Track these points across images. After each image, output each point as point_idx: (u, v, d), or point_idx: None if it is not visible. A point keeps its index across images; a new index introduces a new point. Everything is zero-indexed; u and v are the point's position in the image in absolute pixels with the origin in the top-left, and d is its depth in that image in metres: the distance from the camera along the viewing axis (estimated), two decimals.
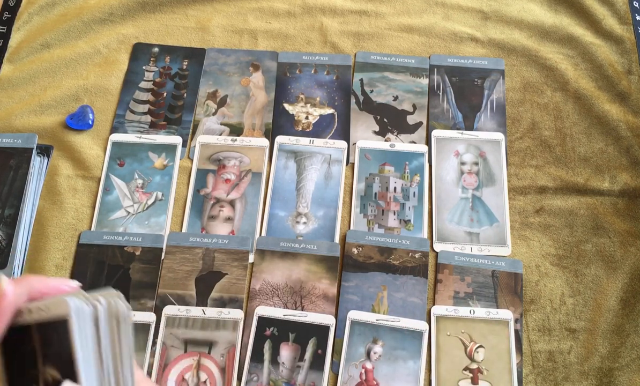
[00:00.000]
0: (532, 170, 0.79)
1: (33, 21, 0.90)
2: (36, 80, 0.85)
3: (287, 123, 0.83)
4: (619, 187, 0.78)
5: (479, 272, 0.73)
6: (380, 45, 0.88)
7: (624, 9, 0.89)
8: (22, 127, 0.81)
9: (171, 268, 0.74)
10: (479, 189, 0.78)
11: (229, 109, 0.84)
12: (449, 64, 0.86)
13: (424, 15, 0.90)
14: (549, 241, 0.75)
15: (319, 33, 0.89)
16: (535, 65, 0.86)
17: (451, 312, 0.71)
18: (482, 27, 0.89)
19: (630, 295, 0.72)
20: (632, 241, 0.75)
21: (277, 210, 0.77)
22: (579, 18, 0.89)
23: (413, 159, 0.80)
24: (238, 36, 0.89)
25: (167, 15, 0.90)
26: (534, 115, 0.83)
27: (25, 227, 0.75)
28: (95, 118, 0.82)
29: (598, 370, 0.69)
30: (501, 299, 0.72)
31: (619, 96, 0.83)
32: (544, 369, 0.69)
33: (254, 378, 0.68)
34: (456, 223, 0.76)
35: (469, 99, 0.84)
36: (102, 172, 0.79)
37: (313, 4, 0.91)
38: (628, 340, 0.70)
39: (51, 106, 0.83)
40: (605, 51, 0.86)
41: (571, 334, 0.71)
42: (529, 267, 0.74)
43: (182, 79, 0.86)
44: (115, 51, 0.88)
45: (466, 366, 0.69)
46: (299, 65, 0.87)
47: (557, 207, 0.77)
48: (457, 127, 0.82)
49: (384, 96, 0.84)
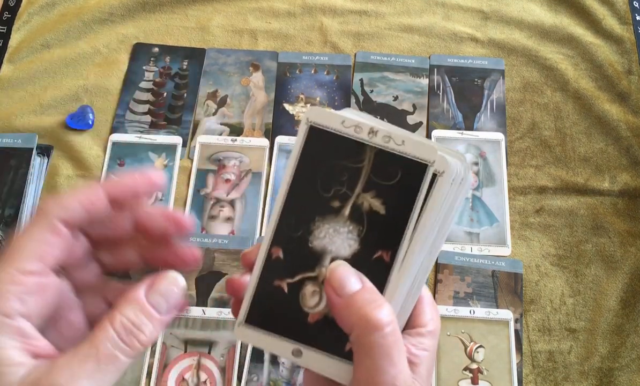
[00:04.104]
0: (532, 170, 0.79)
1: (33, 21, 0.90)
2: (36, 80, 0.85)
3: (287, 123, 0.83)
4: (619, 187, 0.78)
5: (479, 272, 0.73)
6: (380, 45, 0.88)
7: (624, 9, 0.89)
8: (22, 127, 0.81)
9: None
10: (479, 189, 0.78)
11: (229, 109, 0.84)
12: (449, 64, 0.86)
13: (424, 15, 0.90)
14: (549, 241, 0.75)
15: (319, 33, 0.89)
16: (535, 65, 0.86)
17: (451, 312, 0.71)
18: (482, 27, 0.89)
19: (630, 295, 0.72)
20: (632, 241, 0.75)
21: None
22: (579, 18, 0.89)
23: None
24: (238, 36, 0.89)
25: (167, 15, 0.90)
26: (534, 115, 0.83)
27: None
28: (95, 118, 0.82)
29: (598, 370, 0.69)
30: (501, 299, 0.72)
31: (619, 96, 0.83)
32: (544, 369, 0.69)
33: (254, 378, 0.68)
34: (456, 223, 0.76)
35: (469, 99, 0.84)
36: (102, 173, 0.79)
37: (313, 4, 0.91)
38: (628, 340, 0.70)
39: (51, 106, 0.83)
40: (605, 51, 0.86)
41: (571, 334, 0.71)
42: (529, 267, 0.74)
43: (182, 79, 0.86)
44: (115, 51, 0.88)
45: (466, 366, 0.69)
46: (299, 65, 0.87)
47: (557, 207, 0.77)
48: (457, 127, 0.82)
49: (384, 96, 0.84)
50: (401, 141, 0.34)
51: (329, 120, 0.35)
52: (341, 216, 0.35)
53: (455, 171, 0.34)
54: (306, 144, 0.35)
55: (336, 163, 0.35)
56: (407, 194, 0.34)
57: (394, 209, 0.34)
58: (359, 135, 0.35)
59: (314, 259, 0.35)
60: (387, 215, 0.34)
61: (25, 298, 0.30)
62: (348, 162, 0.35)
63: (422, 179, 0.34)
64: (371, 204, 0.34)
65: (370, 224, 0.34)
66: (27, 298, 0.30)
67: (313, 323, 0.35)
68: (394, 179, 0.34)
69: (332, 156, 0.35)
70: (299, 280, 0.35)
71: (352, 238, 0.35)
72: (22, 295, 0.30)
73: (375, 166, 0.35)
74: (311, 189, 0.35)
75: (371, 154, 0.35)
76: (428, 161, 0.34)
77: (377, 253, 0.34)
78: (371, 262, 0.34)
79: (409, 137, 0.34)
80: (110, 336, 0.30)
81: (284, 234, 0.35)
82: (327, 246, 0.35)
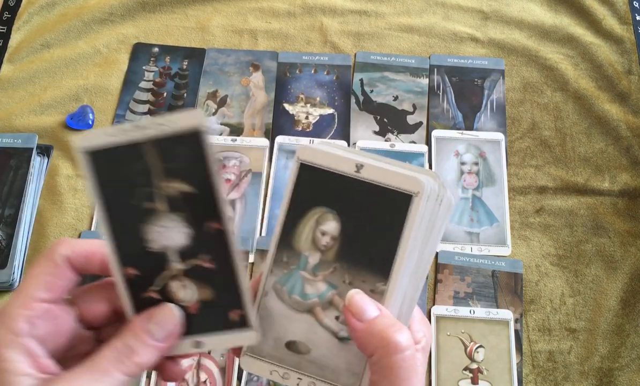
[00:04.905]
0: (532, 170, 0.79)
1: (33, 21, 0.90)
2: (36, 80, 0.85)
3: (287, 123, 0.83)
4: (619, 187, 0.78)
5: (479, 272, 0.73)
6: (380, 45, 0.88)
7: (624, 9, 0.89)
8: (22, 127, 0.81)
9: None
10: (479, 189, 0.78)
11: (229, 109, 0.84)
12: (449, 64, 0.86)
13: (424, 15, 0.90)
14: (549, 241, 0.75)
15: (319, 33, 0.89)
16: (535, 65, 0.86)
17: (451, 312, 0.71)
18: (482, 27, 0.89)
19: (630, 295, 0.72)
20: (632, 241, 0.75)
21: (277, 210, 0.77)
22: (579, 18, 0.89)
23: (413, 159, 0.80)
24: (238, 36, 0.89)
25: (167, 15, 0.90)
26: (534, 115, 0.83)
27: (25, 227, 0.75)
28: (95, 118, 0.82)
29: (598, 370, 0.69)
30: (501, 299, 0.72)
31: (619, 96, 0.83)
32: (544, 369, 0.69)
33: (253, 378, 0.68)
34: (456, 223, 0.76)
35: (469, 99, 0.84)
36: None
37: (313, 4, 0.91)
38: (628, 340, 0.70)
39: (51, 106, 0.83)
40: (605, 51, 0.86)
41: (571, 334, 0.71)
42: (529, 267, 0.74)
43: (182, 79, 0.86)
44: (115, 51, 0.88)
45: (466, 366, 0.69)
46: (299, 65, 0.87)
47: (557, 207, 0.77)
48: (457, 127, 0.82)
49: (384, 96, 0.84)
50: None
51: None
52: (159, 213, 0.36)
53: (429, 189, 0.35)
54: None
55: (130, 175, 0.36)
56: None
57: (201, 185, 0.35)
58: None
59: (163, 260, 0.36)
60: (193, 189, 0.35)
61: (35, 321, 0.34)
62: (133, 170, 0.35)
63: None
64: (175, 188, 0.35)
65: (187, 205, 0.35)
66: (36, 321, 0.34)
67: (196, 312, 0.37)
68: (181, 156, 0.35)
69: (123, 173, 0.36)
70: (162, 284, 0.37)
71: (180, 225, 0.36)
72: (32, 319, 0.34)
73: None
74: (123, 203, 0.36)
75: None
76: (195, 126, 0.34)
77: (208, 227, 0.35)
78: (206, 236, 0.36)
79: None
80: (108, 355, 0.34)
81: (127, 253, 0.36)
82: (165, 243, 0.36)
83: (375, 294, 0.36)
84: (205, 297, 0.37)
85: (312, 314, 0.37)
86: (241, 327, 0.37)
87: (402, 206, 0.35)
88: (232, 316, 0.37)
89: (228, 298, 0.37)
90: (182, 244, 0.36)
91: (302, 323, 0.37)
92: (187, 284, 0.36)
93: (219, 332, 0.37)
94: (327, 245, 0.37)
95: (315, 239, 0.37)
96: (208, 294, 0.37)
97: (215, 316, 0.37)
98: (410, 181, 0.35)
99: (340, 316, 0.37)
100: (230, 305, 0.37)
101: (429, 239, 0.36)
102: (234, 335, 0.37)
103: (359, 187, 0.36)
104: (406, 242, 0.35)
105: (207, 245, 0.36)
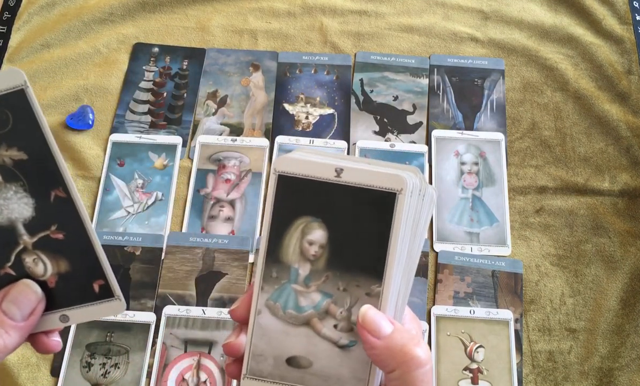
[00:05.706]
0: (532, 170, 0.79)
1: (33, 21, 0.90)
2: (36, 80, 0.85)
3: (287, 123, 0.83)
4: (619, 187, 0.78)
5: (479, 272, 0.73)
6: (380, 45, 0.88)
7: (624, 9, 0.89)
8: None
9: (171, 268, 0.74)
10: (479, 189, 0.78)
11: (229, 109, 0.84)
12: (449, 64, 0.86)
13: (424, 15, 0.90)
14: (549, 241, 0.75)
15: (319, 33, 0.89)
16: (535, 65, 0.86)
17: (451, 312, 0.71)
18: (482, 27, 0.89)
19: (630, 295, 0.72)
20: (632, 241, 0.75)
21: None
22: (579, 18, 0.89)
23: (413, 159, 0.80)
24: (238, 36, 0.89)
25: (167, 15, 0.90)
26: (534, 115, 0.83)
27: None
28: (95, 118, 0.82)
29: (598, 370, 0.69)
30: (501, 299, 0.72)
31: (619, 96, 0.83)
32: (544, 369, 0.69)
33: None
34: (456, 223, 0.76)
35: (469, 99, 0.84)
36: (102, 172, 0.79)
37: (313, 4, 0.91)
38: (628, 340, 0.70)
39: (51, 106, 0.83)
40: (605, 51, 0.86)
41: (571, 334, 0.71)
42: (529, 267, 0.74)
43: (182, 79, 0.86)
44: (115, 51, 0.88)
45: (466, 366, 0.69)
46: (299, 65, 0.87)
47: (557, 207, 0.77)
48: (457, 127, 0.82)
49: (384, 96, 0.84)
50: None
51: None
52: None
53: (412, 185, 0.35)
54: None
55: None
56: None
57: (36, 148, 0.34)
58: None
59: (10, 234, 0.36)
60: (26, 156, 0.34)
61: None
62: None
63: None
64: (6, 155, 0.35)
65: (23, 174, 0.35)
66: None
67: (55, 286, 0.36)
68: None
69: None
70: (14, 259, 0.36)
71: (21, 196, 0.35)
72: None
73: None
74: None
75: None
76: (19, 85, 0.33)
77: (51, 195, 0.35)
78: (51, 206, 0.35)
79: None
80: None
81: None
82: (9, 215, 0.35)
83: (372, 297, 0.36)
84: (62, 270, 0.36)
85: (309, 326, 0.37)
86: (105, 297, 0.37)
87: (387, 204, 0.35)
88: (95, 287, 0.36)
89: (86, 269, 0.36)
90: (29, 216, 0.35)
91: (301, 337, 0.37)
92: (41, 257, 0.36)
93: (83, 304, 0.37)
94: (316, 254, 0.36)
95: (303, 250, 0.37)
96: (64, 266, 0.36)
97: (77, 289, 0.37)
98: (392, 179, 0.35)
99: (339, 324, 0.36)
100: (90, 276, 0.36)
101: (415, 235, 0.36)
102: (99, 307, 0.37)
103: (341, 192, 0.36)
104: (395, 240, 0.35)
105: (54, 215, 0.35)
